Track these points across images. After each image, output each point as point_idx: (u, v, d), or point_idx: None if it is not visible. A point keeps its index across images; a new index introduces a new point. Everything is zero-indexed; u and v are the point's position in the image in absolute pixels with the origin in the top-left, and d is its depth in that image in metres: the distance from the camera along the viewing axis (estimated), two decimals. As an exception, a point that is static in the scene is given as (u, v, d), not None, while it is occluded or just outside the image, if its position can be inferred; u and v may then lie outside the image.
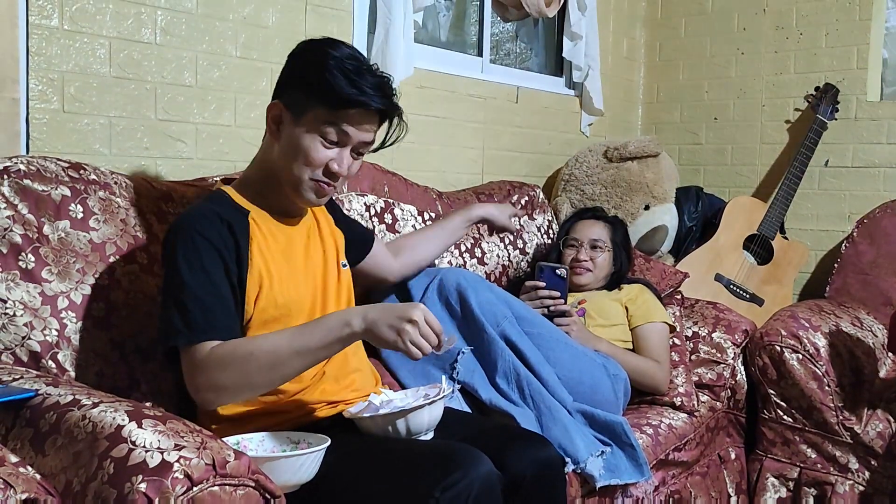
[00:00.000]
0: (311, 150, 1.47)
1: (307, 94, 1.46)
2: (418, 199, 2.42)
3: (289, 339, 1.37)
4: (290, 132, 1.48)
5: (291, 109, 1.48)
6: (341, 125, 1.46)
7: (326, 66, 1.44)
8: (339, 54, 1.46)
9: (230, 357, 1.35)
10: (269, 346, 1.36)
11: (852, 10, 3.24)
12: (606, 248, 2.45)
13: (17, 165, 1.53)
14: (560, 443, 1.81)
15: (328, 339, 1.36)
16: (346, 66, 1.44)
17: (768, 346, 2.46)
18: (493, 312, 1.96)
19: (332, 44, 1.50)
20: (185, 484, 1.05)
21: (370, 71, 1.48)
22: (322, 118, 1.46)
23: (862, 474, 2.39)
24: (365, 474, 1.37)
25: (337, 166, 1.48)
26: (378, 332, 1.35)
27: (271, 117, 1.51)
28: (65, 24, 1.80)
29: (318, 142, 1.47)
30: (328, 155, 1.48)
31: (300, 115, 1.47)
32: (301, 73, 1.49)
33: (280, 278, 1.51)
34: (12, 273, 1.46)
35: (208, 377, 1.35)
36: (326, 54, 1.46)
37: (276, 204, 1.56)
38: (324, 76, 1.44)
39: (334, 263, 1.66)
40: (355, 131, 1.48)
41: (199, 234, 1.42)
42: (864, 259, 2.99)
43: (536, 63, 3.47)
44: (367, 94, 1.44)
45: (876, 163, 3.22)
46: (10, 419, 1.25)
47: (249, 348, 1.36)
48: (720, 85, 3.56)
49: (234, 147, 2.16)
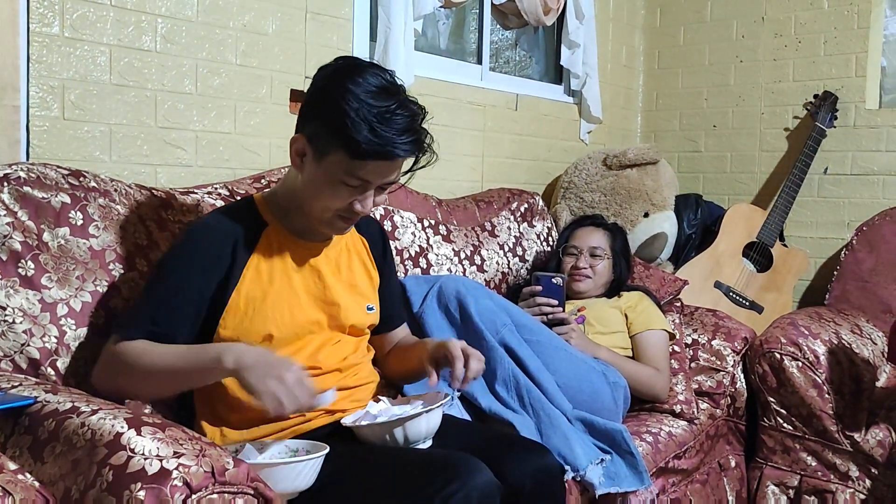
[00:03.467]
0: (333, 194, 1.43)
1: (328, 135, 1.39)
2: (418, 206, 2.42)
3: (170, 357, 1.39)
4: (312, 169, 1.44)
5: (313, 146, 1.43)
6: (364, 173, 1.40)
7: (346, 111, 1.35)
8: (362, 94, 1.36)
9: (128, 355, 1.39)
10: (149, 360, 1.38)
11: (851, 18, 3.25)
12: (606, 256, 2.45)
13: (17, 173, 1.53)
14: (559, 450, 1.81)
15: (197, 367, 1.36)
16: (368, 113, 1.35)
17: (768, 354, 2.46)
18: (493, 320, 1.96)
19: (354, 75, 1.39)
20: (184, 491, 1.05)
21: (399, 108, 1.38)
22: (343, 164, 1.39)
23: (862, 482, 2.38)
24: (363, 483, 1.37)
25: (360, 206, 1.45)
26: (245, 377, 1.29)
27: (294, 150, 1.47)
28: (65, 31, 1.81)
29: (340, 186, 1.42)
30: (352, 195, 1.44)
31: (322, 155, 1.42)
32: (321, 113, 1.41)
33: (274, 300, 1.50)
34: (12, 280, 1.46)
35: (102, 369, 1.43)
36: (347, 94, 1.36)
37: (297, 224, 1.55)
38: (344, 122, 1.35)
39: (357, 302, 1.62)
40: (378, 177, 1.43)
41: (193, 242, 1.47)
42: (864, 266, 2.99)
43: (536, 71, 3.47)
44: (392, 143, 1.37)
45: (875, 170, 3.22)
46: (9, 426, 1.24)
47: (142, 353, 1.39)
48: (719, 93, 3.57)
49: (234, 154, 2.16)
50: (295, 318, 1.52)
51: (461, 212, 2.61)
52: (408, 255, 2.29)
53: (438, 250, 2.40)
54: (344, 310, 1.59)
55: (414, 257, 2.31)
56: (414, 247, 2.33)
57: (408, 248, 2.30)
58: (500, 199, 2.77)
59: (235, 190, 1.95)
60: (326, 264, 1.59)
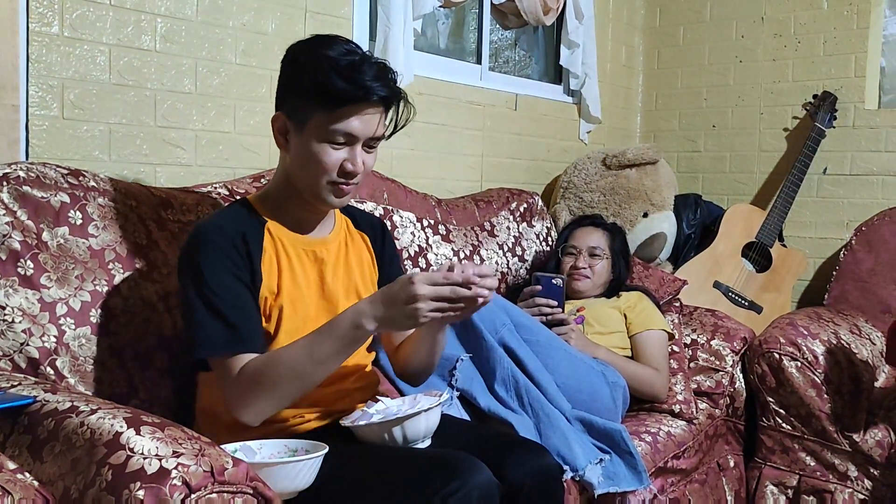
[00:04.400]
0: (321, 155, 1.44)
1: (305, 100, 1.44)
2: (417, 205, 2.42)
3: (307, 350, 1.37)
4: (297, 142, 1.47)
5: (294, 118, 1.46)
6: (345, 125, 1.43)
7: (318, 67, 1.41)
8: (331, 52, 1.42)
9: (260, 373, 1.36)
10: (291, 361, 1.36)
11: (850, 18, 3.25)
12: (605, 256, 2.46)
13: (16, 172, 1.53)
14: (559, 450, 1.81)
15: (342, 344, 1.37)
16: (339, 63, 1.41)
17: (767, 354, 2.46)
18: (492, 320, 1.96)
19: (321, 42, 1.46)
20: (183, 491, 1.05)
21: (365, 60, 1.43)
22: (325, 122, 1.43)
23: (861, 482, 2.38)
24: (363, 482, 1.37)
25: (351, 165, 1.46)
26: (394, 325, 1.36)
27: (276, 129, 1.49)
28: (65, 31, 1.81)
29: (326, 146, 1.44)
30: (340, 156, 1.45)
31: (303, 123, 1.45)
32: (295, 80, 1.46)
33: (289, 296, 1.50)
34: (11, 279, 1.46)
35: (244, 393, 1.37)
36: (317, 55, 1.43)
37: (293, 217, 1.55)
38: (317, 79, 1.40)
39: (357, 298, 1.61)
40: (361, 127, 1.44)
41: (219, 248, 1.42)
42: (863, 267, 2.99)
43: (536, 70, 3.47)
44: (365, 86, 1.40)
45: (874, 170, 3.23)
46: (9, 426, 1.25)
47: (276, 363, 1.37)
48: (719, 93, 3.57)
49: (234, 154, 2.16)
50: (298, 314, 1.52)
51: (460, 211, 2.61)
52: (407, 255, 2.29)
53: (438, 250, 2.40)
54: (342, 307, 1.59)
55: (413, 257, 2.31)
56: (413, 246, 2.33)
57: (407, 248, 2.30)
58: (499, 199, 2.77)
59: (235, 189, 1.95)
60: (327, 259, 1.59)
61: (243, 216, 1.52)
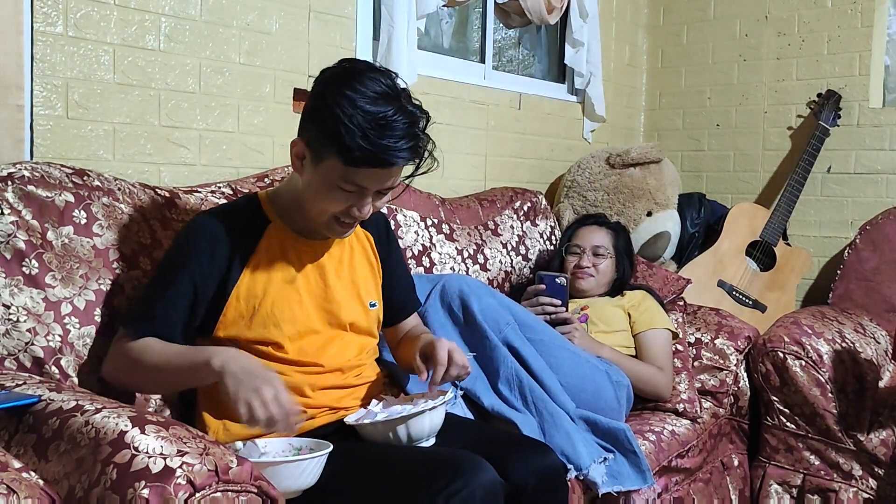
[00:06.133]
0: (329, 197, 1.43)
1: (324, 140, 1.39)
2: (421, 205, 2.42)
3: (169, 356, 1.42)
4: (311, 172, 1.44)
5: (311, 150, 1.43)
6: (359, 180, 1.40)
7: (340, 118, 1.34)
8: (359, 99, 1.35)
9: (127, 355, 1.44)
10: (149, 359, 1.42)
11: (854, 16, 3.24)
12: (609, 255, 2.45)
13: (21, 171, 1.54)
14: (562, 449, 1.81)
15: (191, 367, 1.38)
16: (363, 120, 1.33)
17: (771, 353, 2.46)
18: (496, 319, 1.96)
19: (352, 81, 1.37)
20: (188, 490, 1.05)
21: (396, 114, 1.35)
22: (339, 170, 1.38)
23: (865, 482, 2.38)
24: (367, 481, 1.37)
25: (357, 212, 1.45)
26: (226, 381, 1.30)
27: (294, 153, 1.47)
28: (69, 30, 1.81)
29: (336, 191, 1.42)
30: (349, 201, 1.43)
31: (319, 160, 1.41)
32: (318, 118, 1.40)
33: (275, 299, 1.50)
34: (16, 279, 1.47)
35: (110, 363, 1.47)
36: (343, 100, 1.35)
37: (301, 222, 1.55)
38: (338, 129, 1.34)
39: (358, 300, 1.62)
40: (374, 183, 1.42)
41: (192, 240, 1.49)
42: (867, 265, 2.99)
43: (539, 69, 3.47)
44: (387, 150, 1.35)
45: (878, 169, 3.22)
46: (14, 425, 1.25)
47: (139, 354, 1.43)
48: (722, 91, 3.57)
49: (238, 153, 2.16)
50: (296, 317, 1.52)
51: (464, 211, 2.61)
52: (411, 254, 2.30)
53: (441, 249, 2.40)
54: (345, 308, 1.59)
55: (417, 256, 2.32)
56: (417, 246, 2.33)
57: (411, 247, 2.30)
58: (503, 198, 2.77)
59: (239, 189, 1.95)
60: (329, 262, 1.59)
61: (246, 214, 1.52)
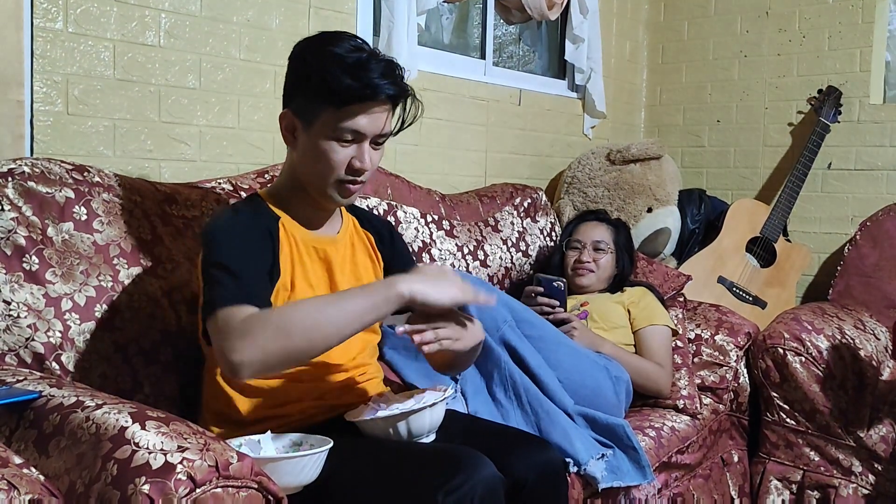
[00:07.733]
0: (329, 153, 1.44)
1: (312, 97, 1.43)
2: (421, 201, 2.42)
3: (334, 298, 1.37)
4: (304, 139, 1.46)
5: (301, 116, 1.46)
6: (353, 122, 1.43)
7: (325, 65, 1.40)
8: (338, 50, 1.42)
9: (271, 315, 1.29)
10: (307, 307, 1.31)
11: (855, 12, 3.24)
12: (609, 250, 2.45)
13: (21, 168, 1.54)
14: (560, 446, 1.81)
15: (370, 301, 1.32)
16: (346, 60, 1.40)
17: (771, 349, 2.46)
18: (493, 317, 1.95)
19: (328, 39, 1.45)
20: (188, 485, 1.05)
21: (372, 57, 1.42)
22: (332, 120, 1.42)
23: (865, 477, 2.38)
24: (367, 477, 1.37)
25: (359, 163, 1.46)
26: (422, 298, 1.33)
27: (284, 126, 1.49)
28: (69, 26, 1.81)
29: (334, 144, 1.44)
30: (348, 154, 1.45)
31: (311, 121, 1.44)
32: (303, 77, 1.45)
33: (302, 294, 1.50)
34: (16, 275, 1.47)
35: (248, 333, 1.25)
36: (324, 53, 1.42)
37: (302, 213, 1.55)
38: (324, 77, 1.40)
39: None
40: (369, 125, 1.44)
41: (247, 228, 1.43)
42: (867, 262, 2.99)
43: (539, 66, 3.47)
44: (373, 84, 1.40)
45: (879, 165, 3.22)
46: (14, 421, 1.25)
47: (293, 306, 1.34)
48: (723, 87, 3.56)
49: (238, 149, 2.16)
50: None
51: (464, 207, 2.61)
52: (411, 251, 2.29)
53: (442, 245, 2.40)
54: None
55: (417, 252, 2.32)
56: (417, 242, 2.33)
57: (411, 244, 2.30)
58: (503, 195, 2.77)
59: (239, 185, 1.95)
60: (335, 256, 1.59)
61: (262, 211, 1.52)
